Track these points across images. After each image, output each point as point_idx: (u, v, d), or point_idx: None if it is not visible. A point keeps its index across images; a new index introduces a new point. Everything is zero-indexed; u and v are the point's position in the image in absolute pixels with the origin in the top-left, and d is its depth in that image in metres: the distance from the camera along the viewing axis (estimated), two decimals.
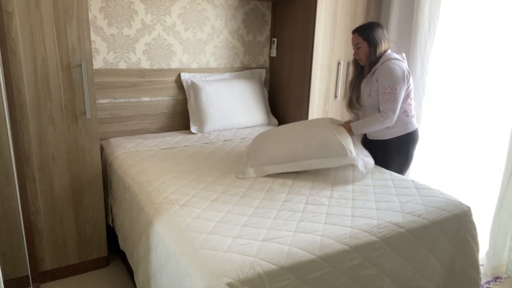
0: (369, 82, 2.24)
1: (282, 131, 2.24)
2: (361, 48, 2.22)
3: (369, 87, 2.23)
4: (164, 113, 2.86)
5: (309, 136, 2.11)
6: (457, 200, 1.85)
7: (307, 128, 2.20)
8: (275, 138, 2.19)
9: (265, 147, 2.16)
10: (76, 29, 1.95)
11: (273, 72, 3.26)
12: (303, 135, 2.13)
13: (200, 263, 1.30)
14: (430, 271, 1.72)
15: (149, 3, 2.64)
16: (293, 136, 2.15)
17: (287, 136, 2.17)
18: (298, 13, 2.89)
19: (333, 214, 1.65)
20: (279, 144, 2.13)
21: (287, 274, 1.31)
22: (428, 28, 2.70)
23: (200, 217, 1.59)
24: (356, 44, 2.24)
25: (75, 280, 2.24)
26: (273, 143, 2.16)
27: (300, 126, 2.27)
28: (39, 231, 2.10)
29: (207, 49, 2.95)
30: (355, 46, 2.25)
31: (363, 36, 2.21)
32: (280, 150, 2.10)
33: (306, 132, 2.14)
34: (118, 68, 2.64)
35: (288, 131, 2.22)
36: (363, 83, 2.29)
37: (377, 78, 2.17)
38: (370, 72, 2.23)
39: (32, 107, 1.94)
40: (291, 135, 2.16)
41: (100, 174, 2.21)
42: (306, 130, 2.17)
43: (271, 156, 2.11)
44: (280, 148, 2.11)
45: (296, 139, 2.12)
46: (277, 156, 2.10)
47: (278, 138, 2.18)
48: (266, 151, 2.13)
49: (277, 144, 2.14)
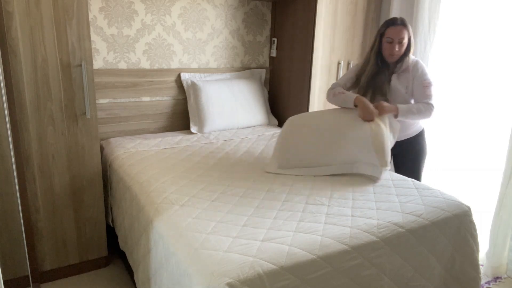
0: (401, 79, 2.20)
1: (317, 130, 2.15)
2: (404, 43, 2.12)
3: (405, 84, 2.20)
4: (164, 113, 2.86)
5: (347, 141, 2.05)
6: (457, 200, 1.85)
7: (345, 130, 2.09)
8: (309, 137, 2.14)
9: (297, 147, 2.13)
10: (76, 29, 1.95)
11: (273, 72, 3.26)
12: (340, 140, 2.07)
13: (200, 263, 1.30)
14: (430, 271, 1.72)
15: (149, 3, 2.64)
16: (329, 139, 2.09)
17: (321, 137, 2.11)
18: (298, 13, 2.89)
19: (333, 214, 1.65)
20: (312, 147, 2.09)
21: (287, 274, 1.31)
22: (428, 28, 2.70)
23: (200, 217, 1.59)
24: (401, 38, 2.10)
25: (75, 280, 2.24)
26: (305, 144, 2.12)
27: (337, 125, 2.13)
28: (39, 231, 2.10)
29: (207, 49, 2.95)
30: (398, 40, 2.11)
31: (408, 31, 2.12)
32: (312, 153, 2.08)
33: (344, 136, 2.07)
34: (118, 68, 2.64)
35: (324, 131, 2.13)
36: (394, 80, 2.22)
37: (414, 75, 2.16)
38: (400, 69, 2.19)
39: (32, 107, 1.94)
40: (326, 137, 2.10)
41: (100, 174, 2.21)
42: (343, 134, 2.08)
43: (301, 159, 2.09)
44: (312, 151, 2.09)
45: (332, 143, 2.07)
46: (308, 159, 2.08)
47: (312, 138, 2.13)
48: (298, 152, 2.11)
49: (309, 146, 2.10)
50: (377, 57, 2.21)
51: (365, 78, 2.23)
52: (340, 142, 2.08)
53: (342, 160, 2.09)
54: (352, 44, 2.98)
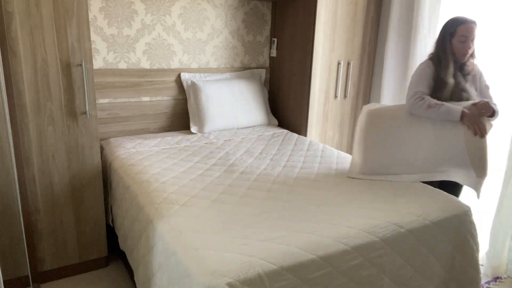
0: (471, 80, 2.09)
1: (398, 129, 2.00)
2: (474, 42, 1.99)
3: (474, 86, 2.10)
4: (164, 113, 2.86)
5: (436, 144, 1.90)
6: (457, 200, 1.85)
7: (431, 131, 1.94)
8: (392, 137, 2.00)
9: (380, 149, 2.02)
10: (76, 29, 1.95)
11: (273, 72, 3.26)
12: (427, 142, 1.93)
13: (200, 263, 1.30)
14: (430, 271, 1.72)
15: (149, 3, 2.64)
16: (415, 141, 1.95)
17: (406, 138, 1.97)
18: (298, 13, 2.89)
19: (333, 214, 1.65)
20: (397, 150, 1.97)
21: (287, 274, 1.31)
22: (428, 28, 2.70)
23: (200, 217, 1.59)
24: (473, 35, 1.98)
25: (75, 280, 2.24)
26: (389, 146, 2.00)
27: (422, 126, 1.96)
28: (39, 231, 2.10)
29: (207, 49, 2.95)
30: (472, 38, 1.99)
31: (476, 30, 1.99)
32: (398, 158, 1.96)
33: (431, 138, 1.93)
34: (118, 68, 2.64)
35: (407, 131, 1.98)
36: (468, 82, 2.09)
37: (479, 75, 2.09)
38: (469, 71, 2.08)
39: (32, 107, 1.94)
40: (412, 139, 1.96)
41: (100, 174, 2.21)
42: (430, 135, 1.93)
43: (386, 165, 1.99)
44: (397, 155, 1.97)
45: (419, 146, 1.93)
46: (394, 166, 1.97)
47: (395, 139, 2.00)
48: (382, 155, 2.00)
49: (394, 148, 1.98)
50: (453, 58, 2.04)
51: (449, 84, 2.02)
52: (428, 145, 1.92)
53: (431, 167, 1.92)
54: (352, 44, 2.98)
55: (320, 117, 2.98)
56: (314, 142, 2.71)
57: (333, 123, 3.07)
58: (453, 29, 2.02)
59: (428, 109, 1.94)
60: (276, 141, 2.70)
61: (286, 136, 2.83)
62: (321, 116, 2.99)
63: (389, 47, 2.90)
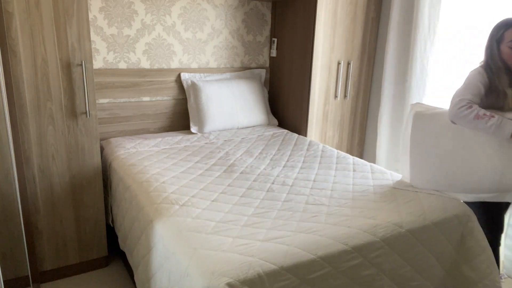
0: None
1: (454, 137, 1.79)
2: None
3: None
4: (164, 113, 2.86)
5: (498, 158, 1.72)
6: (457, 200, 1.85)
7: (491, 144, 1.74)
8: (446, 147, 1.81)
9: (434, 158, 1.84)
10: (76, 29, 1.95)
11: (273, 72, 3.26)
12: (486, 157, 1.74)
13: (200, 263, 1.30)
14: (430, 271, 1.72)
15: (149, 3, 2.64)
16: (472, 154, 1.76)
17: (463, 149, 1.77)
18: (298, 13, 2.89)
19: (333, 214, 1.65)
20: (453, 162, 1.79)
21: (287, 274, 1.31)
22: (428, 28, 2.70)
23: (200, 217, 1.59)
24: None
25: (75, 280, 2.24)
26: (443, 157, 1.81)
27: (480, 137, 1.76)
28: (39, 231, 2.10)
29: (207, 49, 2.95)
30: None
31: None
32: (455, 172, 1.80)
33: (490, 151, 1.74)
34: (118, 68, 2.64)
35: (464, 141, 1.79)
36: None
37: None
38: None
39: (32, 107, 1.94)
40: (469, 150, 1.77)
41: (100, 174, 2.21)
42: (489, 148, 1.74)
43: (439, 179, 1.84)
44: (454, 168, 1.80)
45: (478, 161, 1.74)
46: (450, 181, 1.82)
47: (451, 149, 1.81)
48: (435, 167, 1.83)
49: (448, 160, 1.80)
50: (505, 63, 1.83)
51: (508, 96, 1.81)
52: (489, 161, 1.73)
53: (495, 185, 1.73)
54: (352, 44, 2.98)
55: (320, 117, 2.98)
56: (314, 142, 2.71)
57: (333, 123, 3.07)
58: (500, 35, 1.82)
59: (475, 120, 1.72)
60: (276, 141, 2.71)
61: (286, 136, 2.83)
62: (321, 116, 2.99)
63: (389, 47, 2.91)
